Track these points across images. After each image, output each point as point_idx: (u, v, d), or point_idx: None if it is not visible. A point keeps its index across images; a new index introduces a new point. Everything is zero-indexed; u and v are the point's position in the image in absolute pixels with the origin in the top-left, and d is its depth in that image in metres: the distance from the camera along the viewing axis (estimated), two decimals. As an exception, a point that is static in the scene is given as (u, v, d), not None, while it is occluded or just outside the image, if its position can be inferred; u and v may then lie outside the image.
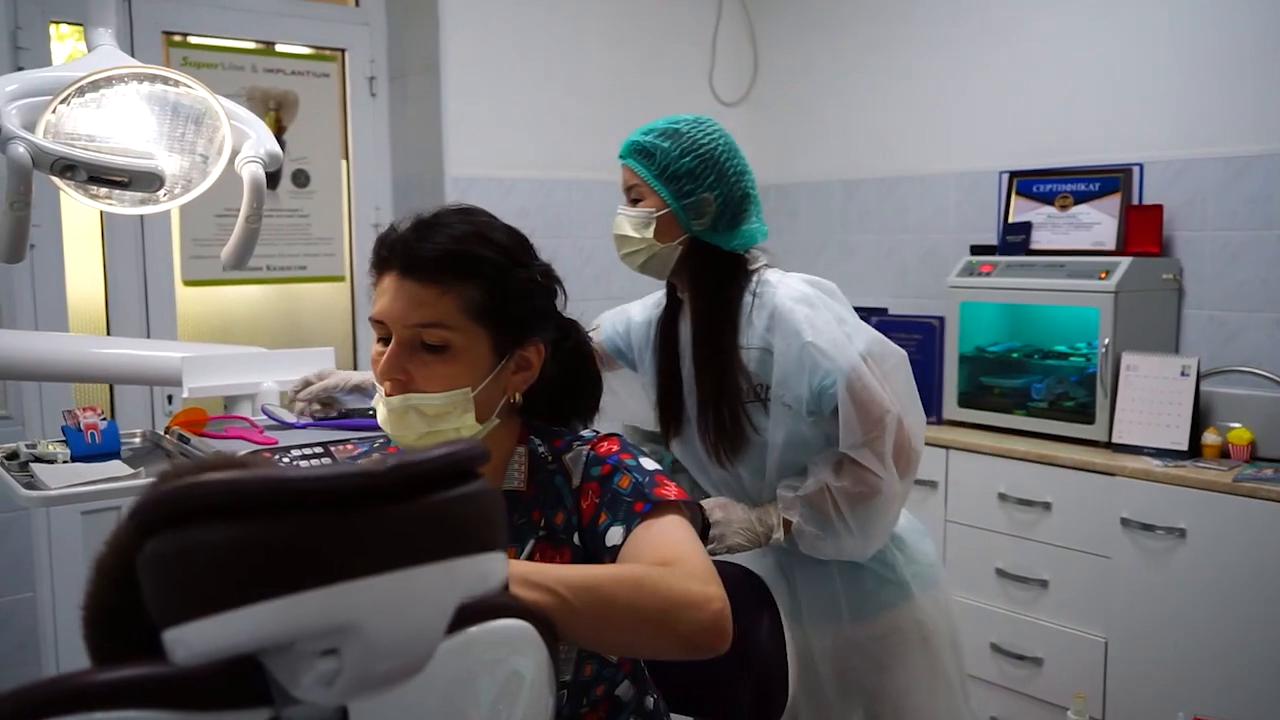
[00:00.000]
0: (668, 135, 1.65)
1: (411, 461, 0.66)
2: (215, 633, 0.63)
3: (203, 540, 0.63)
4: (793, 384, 1.64)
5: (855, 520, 1.66)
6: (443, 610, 0.69)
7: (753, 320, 1.66)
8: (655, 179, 1.64)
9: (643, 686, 1.35)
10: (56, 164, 1.30)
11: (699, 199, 1.65)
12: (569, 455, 1.27)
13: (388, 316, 1.19)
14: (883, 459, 1.63)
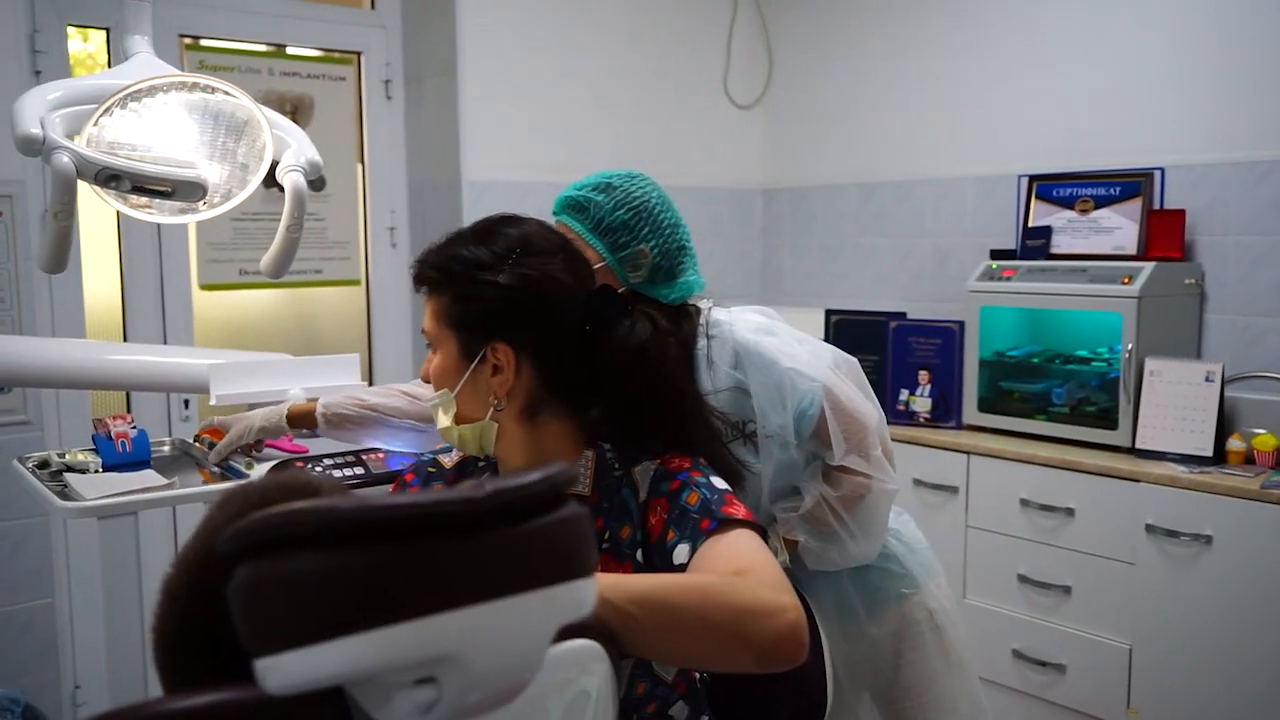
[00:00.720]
0: (600, 189, 1.66)
1: (510, 487, 0.65)
2: (312, 663, 0.62)
3: (300, 569, 0.62)
4: (774, 414, 1.64)
5: (856, 524, 1.69)
6: (542, 638, 0.68)
7: (713, 360, 1.64)
8: (590, 233, 1.63)
9: (697, 707, 1.32)
10: (101, 174, 1.29)
11: (634, 251, 1.63)
12: (638, 468, 1.28)
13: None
14: (869, 460, 1.66)
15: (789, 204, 4.08)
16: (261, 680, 0.64)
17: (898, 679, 1.80)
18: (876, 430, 1.68)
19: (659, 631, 0.96)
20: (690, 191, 3.92)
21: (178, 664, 0.74)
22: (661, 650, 1.02)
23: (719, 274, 4.02)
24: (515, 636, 0.66)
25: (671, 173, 3.85)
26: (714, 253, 4.00)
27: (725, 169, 4.04)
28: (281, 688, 0.63)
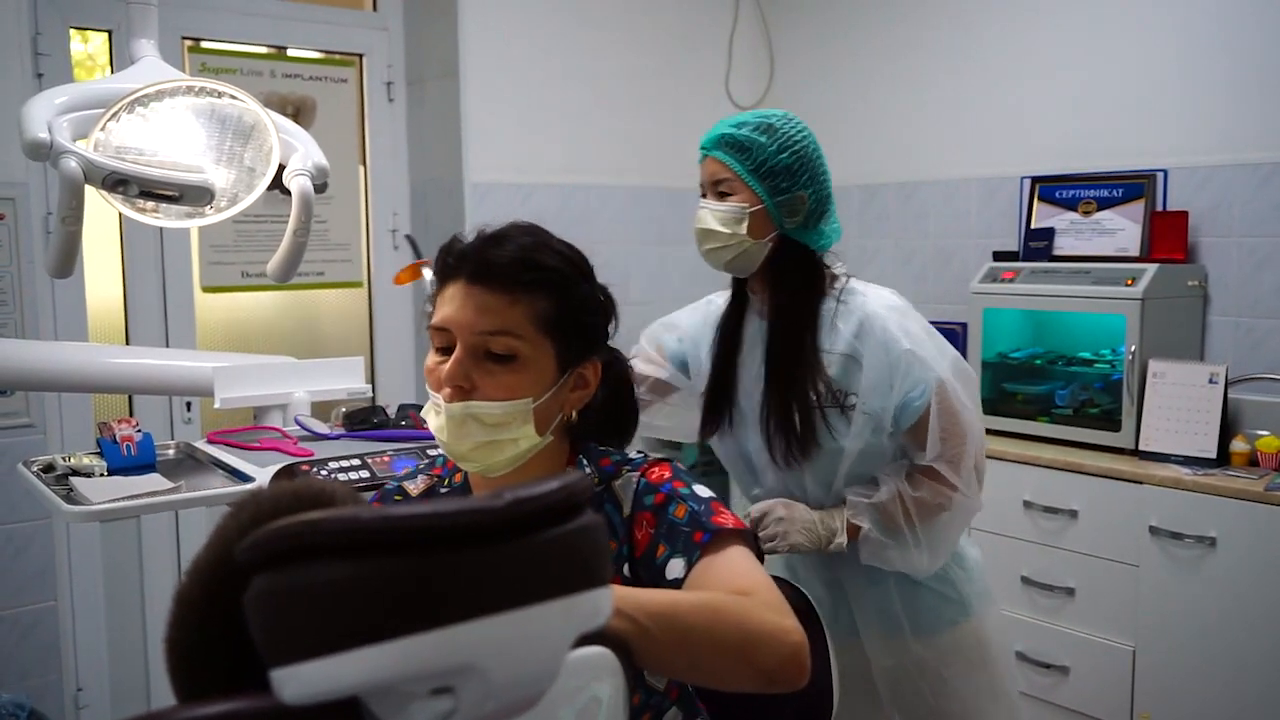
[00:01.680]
0: (762, 129, 1.62)
1: (529, 496, 0.65)
2: (330, 674, 0.62)
3: (319, 579, 0.62)
4: (880, 393, 1.61)
5: (925, 533, 1.64)
6: (560, 648, 0.68)
7: (837, 325, 1.64)
8: (750, 174, 1.61)
9: (691, 712, 1.33)
10: (108, 179, 1.29)
11: (794, 196, 1.63)
12: (618, 482, 1.25)
13: (454, 324, 1.17)
14: (960, 472, 1.62)
15: (791, 205, 4.07)
16: (278, 690, 0.63)
17: (939, 706, 1.75)
18: (975, 444, 1.64)
19: (670, 646, 0.96)
20: (692, 193, 3.91)
21: (192, 673, 0.74)
22: (670, 665, 1.02)
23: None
24: (533, 646, 0.66)
25: (674, 175, 3.86)
26: (716, 254, 3.99)
27: (727, 170, 4.03)
28: (298, 698, 0.63)
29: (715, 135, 1.65)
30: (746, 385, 1.72)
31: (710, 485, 1.35)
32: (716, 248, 1.66)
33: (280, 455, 1.88)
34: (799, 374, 1.63)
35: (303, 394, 2.12)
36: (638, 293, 3.79)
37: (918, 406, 1.61)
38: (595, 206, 3.66)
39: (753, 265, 1.66)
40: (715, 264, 1.69)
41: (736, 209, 1.62)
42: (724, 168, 1.63)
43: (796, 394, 1.63)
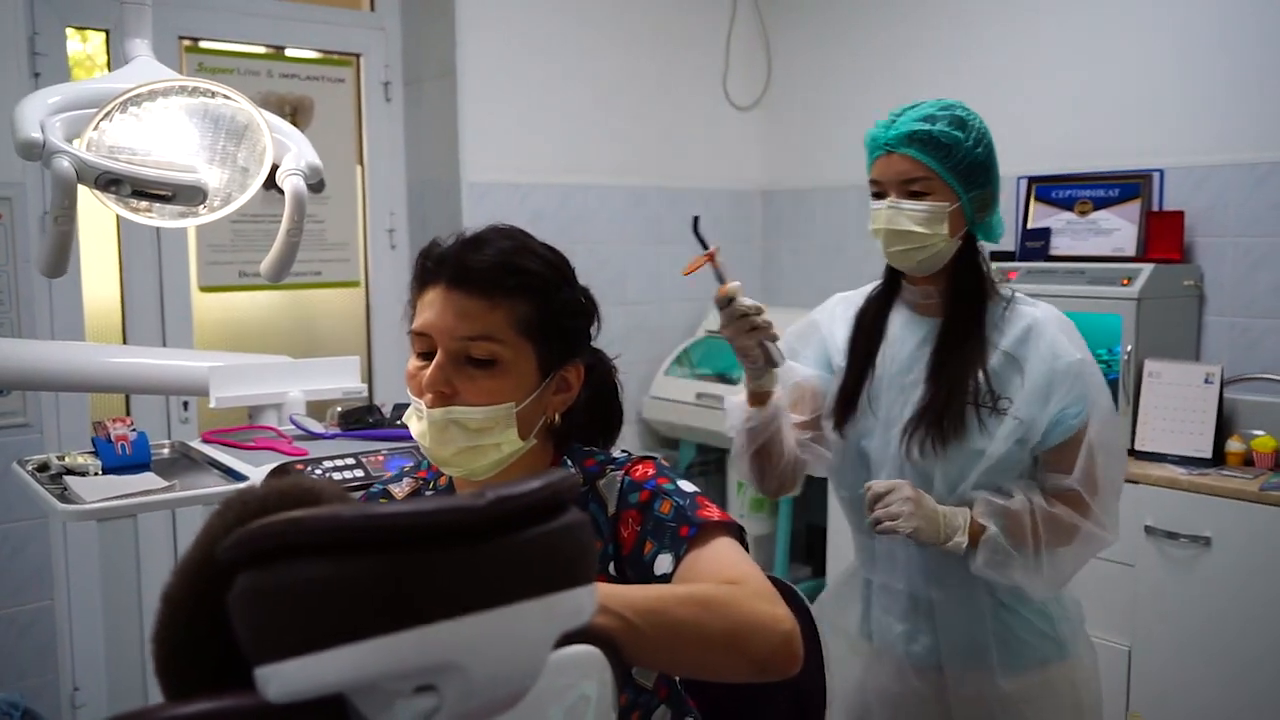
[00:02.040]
0: (955, 123, 1.58)
1: (512, 495, 0.65)
2: (313, 671, 0.62)
3: (302, 577, 0.62)
4: (1036, 401, 1.56)
5: (1049, 554, 1.56)
6: (543, 646, 0.68)
7: (1000, 326, 1.61)
8: (950, 172, 1.56)
9: (681, 709, 1.33)
10: (101, 178, 1.29)
11: (984, 192, 1.61)
12: (603, 481, 1.25)
13: (434, 329, 1.17)
14: (1101, 502, 1.57)
15: (789, 205, 4.08)
16: (262, 688, 0.64)
17: None
18: (1118, 480, 1.60)
19: (660, 641, 0.96)
20: (690, 193, 3.93)
21: (179, 672, 0.74)
22: (661, 660, 1.02)
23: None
24: (515, 644, 0.66)
25: (671, 174, 3.87)
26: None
27: (725, 170, 4.04)
28: (282, 695, 0.63)
29: (902, 132, 1.58)
30: (886, 377, 1.67)
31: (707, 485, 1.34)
32: (910, 249, 1.59)
33: (275, 454, 1.88)
34: (965, 368, 1.58)
35: (298, 393, 2.13)
36: (635, 292, 3.80)
37: (1071, 425, 1.56)
38: (593, 206, 3.67)
39: (942, 263, 1.61)
40: (903, 265, 1.64)
41: (935, 209, 1.56)
42: (918, 166, 1.57)
43: (958, 387, 1.58)
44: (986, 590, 1.63)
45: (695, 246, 1.67)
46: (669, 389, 3.71)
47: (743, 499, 3.64)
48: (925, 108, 1.60)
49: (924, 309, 1.68)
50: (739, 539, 1.19)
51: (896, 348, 1.68)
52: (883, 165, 1.61)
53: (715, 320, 3.96)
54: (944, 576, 1.64)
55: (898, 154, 1.58)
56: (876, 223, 1.61)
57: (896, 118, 1.61)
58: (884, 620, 1.73)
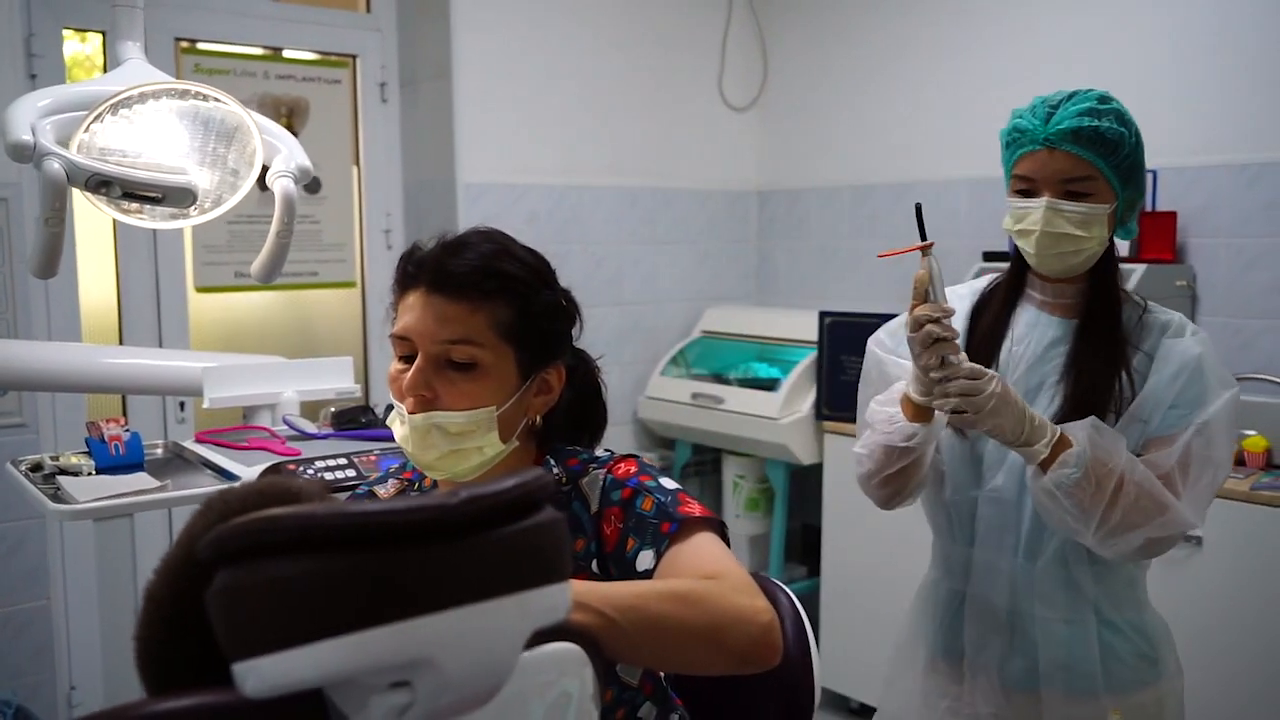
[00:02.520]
0: (1119, 119, 1.48)
1: (485, 494, 0.66)
2: (288, 667, 0.63)
3: (277, 575, 0.63)
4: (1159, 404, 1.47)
5: (1124, 512, 1.39)
6: (515, 642, 0.69)
7: (1136, 330, 1.52)
8: (1113, 171, 1.46)
9: (665, 705, 1.34)
10: (91, 180, 1.30)
11: (1138, 193, 1.52)
12: (585, 480, 1.26)
13: (414, 333, 1.18)
14: (1193, 489, 1.43)
15: (784, 206, 4.09)
16: (240, 683, 0.65)
17: None
18: (1221, 475, 1.48)
19: (640, 637, 0.98)
20: (686, 194, 3.94)
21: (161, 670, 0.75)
22: (642, 655, 1.04)
23: (715, 275, 4.04)
24: (488, 640, 0.67)
25: (667, 175, 3.88)
26: (710, 254, 4.01)
27: (721, 171, 4.05)
28: (259, 691, 0.64)
29: (1066, 127, 1.46)
30: (1010, 378, 1.55)
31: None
32: (1068, 252, 1.48)
33: (268, 454, 1.90)
34: (1108, 374, 1.48)
35: (291, 394, 2.14)
36: (631, 293, 3.81)
37: (1176, 421, 1.46)
38: (589, 207, 3.68)
39: (1090, 264, 1.51)
40: (1054, 269, 1.51)
41: (1095, 210, 1.46)
42: (1081, 164, 1.45)
43: (1102, 396, 1.48)
44: (1093, 608, 1.53)
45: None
46: (665, 389, 3.72)
47: (738, 499, 3.65)
48: (1084, 100, 1.48)
49: (1055, 309, 1.57)
50: (720, 534, 1.20)
51: (1023, 347, 1.57)
52: (1038, 162, 1.48)
53: (709, 321, 3.98)
54: (1050, 593, 1.54)
55: (1060, 150, 1.45)
56: (1024, 223, 1.49)
57: (1053, 109, 1.49)
58: (979, 637, 1.60)
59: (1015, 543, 1.56)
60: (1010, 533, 1.57)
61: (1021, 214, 1.50)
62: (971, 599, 1.61)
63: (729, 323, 3.83)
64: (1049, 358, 1.55)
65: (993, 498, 1.57)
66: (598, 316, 3.72)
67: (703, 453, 3.84)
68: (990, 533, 1.58)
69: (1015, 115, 1.56)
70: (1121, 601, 1.56)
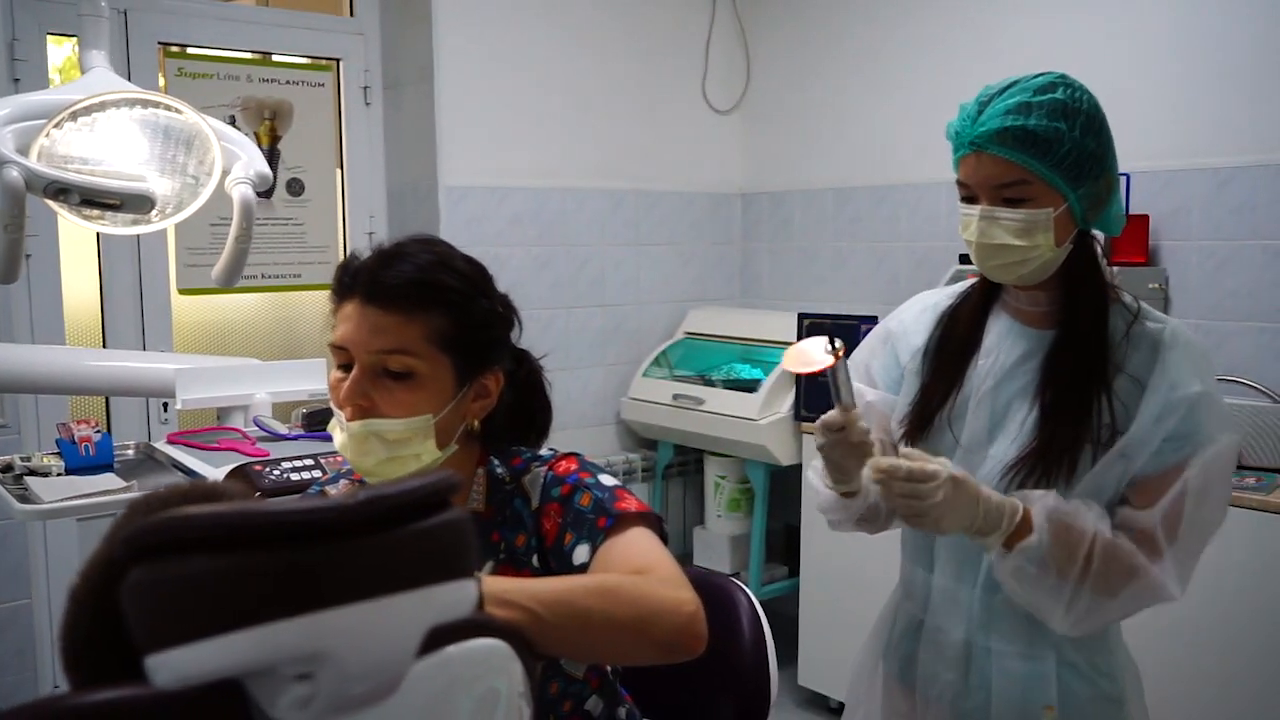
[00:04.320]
0: (1057, 112, 1.31)
1: (383, 494, 0.69)
2: (196, 659, 0.66)
3: (185, 571, 0.66)
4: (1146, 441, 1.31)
5: (1094, 590, 1.28)
6: (412, 636, 0.72)
7: (1123, 344, 1.35)
8: (1052, 171, 1.30)
9: (612, 699, 1.37)
10: (50, 188, 1.33)
11: (1099, 184, 1.34)
12: (527, 477, 1.30)
13: (350, 343, 1.20)
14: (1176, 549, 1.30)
15: (767, 208, 4.12)
16: (152, 676, 0.68)
17: None
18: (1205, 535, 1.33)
19: (566, 630, 1.02)
20: (669, 196, 3.97)
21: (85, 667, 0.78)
22: (570, 648, 1.07)
23: (698, 277, 4.06)
24: (385, 634, 0.70)
25: (651, 177, 3.91)
26: (693, 256, 4.04)
27: (704, 173, 4.08)
28: (169, 682, 0.67)
29: (990, 128, 1.32)
30: (974, 394, 1.43)
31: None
32: (1010, 263, 1.35)
33: (237, 455, 1.92)
34: (1088, 399, 1.34)
35: (264, 395, 2.17)
36: (614, 295, 3.83)
37: (1168, 460, 1.30)
38: (571, 209, 3.70)
39: (1049, 273, 1.37)
40: (1003, 278, 1.40)
41: (1037, 216, 1.31)
42: (1012, 168, 1.31)
43: (1082, 424, 1.33)
44: (1054, 647, 1.42)
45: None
46: (647, 390, 3.75)
47: (719, 499, 3.67)
48: (1018, 92, 1.33)
49: (1031, 318, 1.43)
50: (656, 529, 1.23)
51: (992, 361, 1.43)
52: (970, 166, 1.35)
53: (693, 323, 4.00)
54: (1009, 628, 1.42)
55: (987, 154, 1.32)
56: (966, 233, 1.37)
57: (983, 106, 1.35)
58: (932, 668, 1.51)
59: (975, 574, 1.45)
60: (970, 563, 1.45)
61: (964, 222, 1.38)
62: (928, 628, 1.52)
63: (712, 324, 3.86)
64: (1018, 374, 1.41)
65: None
66: (581, 318, 3.74)
67: (685, 453, 3.87)
68: (950, 562, 1.48)
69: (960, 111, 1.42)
70: (1088, 641, 1.43)
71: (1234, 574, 2.41)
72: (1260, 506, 2.38)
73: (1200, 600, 2.44)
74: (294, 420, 2.14)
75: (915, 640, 1.54)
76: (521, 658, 0.90)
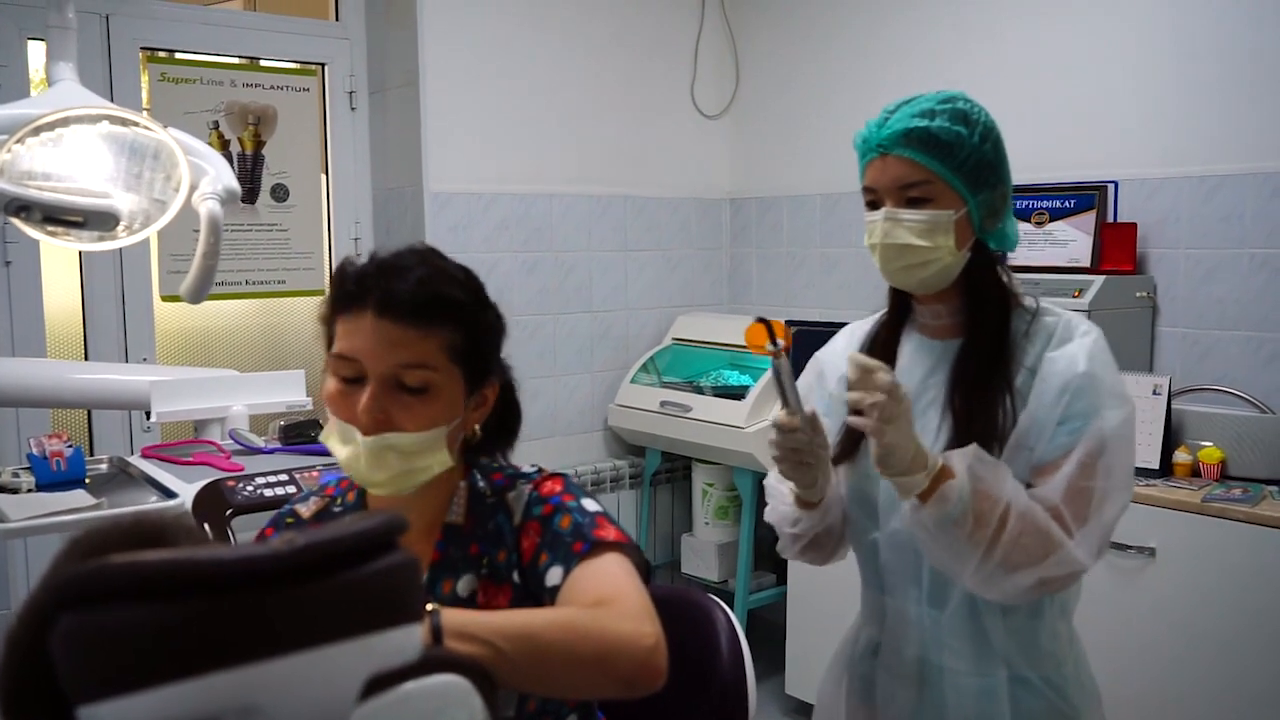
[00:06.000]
0: (958, 117, 1.36)
1: (321, 541, 0.67)
2: (124, 712, 0.64)
3: (111, 622, 0.64)
4: (1046, 428, 1.34)
5: (1005, 551, 1.29)
6: (351, 685, 0.70)
7: (1023, 343, 1.40)
8: (954, 174, 1.35)
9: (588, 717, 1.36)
10: (11, 204, 1.31)
11: (994, 194, 1.38)
12: (511, 494, 1.29)
13: (365, 356, 1.18)
14: (1083, 525, 1.31)
15: (756, 213, 4.10)
16: (85, 728, 0.66)
17: None
18: (1116, 511, 1.35)
19: (529, 667, 1.00)
20: (658, 201, 3.95)
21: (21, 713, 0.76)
22: (531, 682, 1.05)
23: (687, 282, 4.05)
24: (321, 686, 0.68)
25: (639, 182, 3.89)
26: (682, 261, 4.02)
27: (693, 178, 4.06)
28: (102, 735, 0.65)
29: (896, 130, 1.37)
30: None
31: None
32: (912, 265, 1.38)
33: (211, 470, 1.90)
34: (992, 402, 1.37)
35: (241, 407, 2.14)
36: (601, 301, 3.81)
37: (1064, 443, 1.33)
38: (558, 215, 3.68)
39: (949, 279, 1.40)
40: (905, 283, 1.42)
41: (940, 217, 1.35)
42: (917, 169, 1.35)
43: (987, 425, 1.36)
44: (1002, 661, 1.43)
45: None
46: (634, 397, 3.73)
47: (707, 506, 3.66)
48: (922, 101, 1.39)
49: (935, 330, 1.47)
50: (634, 558, 1.22)
51: (904, 378, 1.43)
52: (876, 170, 1.40)
53: (680, 329, 3.98)
54: (958, 644, 1.44)
55: (893, 156, 1.36)
56: (872, 236, 1.40)
57: (890, 114, 1.40)
58: (890, 688, 1.53)
59: (919, 590, 1.46)
60: (913, 579, 1.47)
61: (869, 228, 1.42)
62: (884, 649, 1.54)
63: (700, 330, 3.84)
64: (928, 386, 1.45)
65: (892, 542, 1.48)
66: (568, 324, 3.73)
67: (672, 460, 3.85)
68: (895, 579, 1.49)
69: (866, 124, 1.45)
70: (1038, 657, 1.44)
71: (1221, 586, 2.39)
72: (1247, 519, 2.36)
73: (1187, 612, 2.44)
74: (271, 433, 2.11)
75: (873, 661, 1.56)
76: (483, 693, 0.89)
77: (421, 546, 1.28)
